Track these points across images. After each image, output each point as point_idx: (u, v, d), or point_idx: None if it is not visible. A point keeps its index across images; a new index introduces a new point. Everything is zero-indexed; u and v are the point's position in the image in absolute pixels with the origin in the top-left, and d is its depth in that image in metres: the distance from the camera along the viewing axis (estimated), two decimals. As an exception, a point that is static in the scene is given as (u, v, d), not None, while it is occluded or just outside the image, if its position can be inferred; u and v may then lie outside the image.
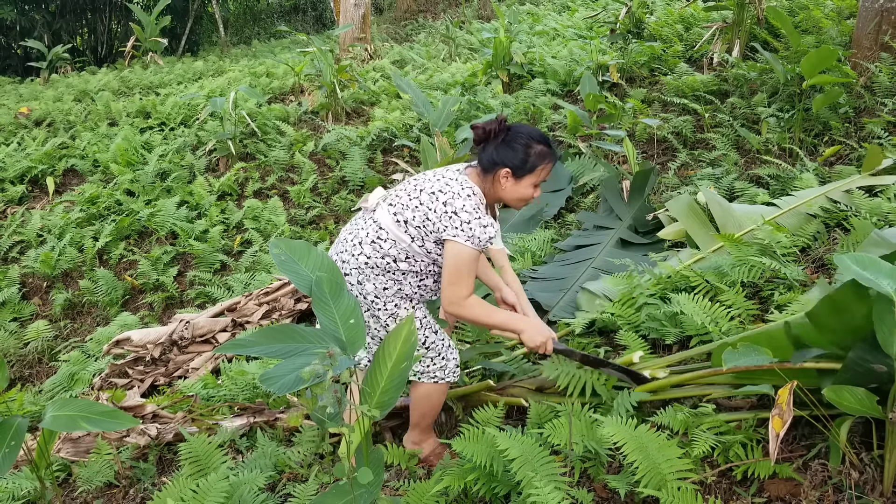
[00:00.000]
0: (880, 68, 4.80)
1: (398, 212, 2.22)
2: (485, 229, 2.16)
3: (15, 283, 5.78)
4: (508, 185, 2.24)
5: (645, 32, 6.83)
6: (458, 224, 2.14)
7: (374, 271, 2.25)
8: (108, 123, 8.03)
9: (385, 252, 2.23)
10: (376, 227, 2.25)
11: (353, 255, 2.27)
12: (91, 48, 14.67)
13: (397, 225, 2.21)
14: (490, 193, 2.28)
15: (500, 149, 2.22)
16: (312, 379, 1.60)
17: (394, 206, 2.24)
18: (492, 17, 12.50)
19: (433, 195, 2.19)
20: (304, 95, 7.96)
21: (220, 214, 6.12)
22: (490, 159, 2.23)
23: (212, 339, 4.17)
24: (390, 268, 2.24)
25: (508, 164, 2.22)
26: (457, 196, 2.17)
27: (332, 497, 1.75)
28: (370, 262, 2.24)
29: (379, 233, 2.24)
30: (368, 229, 2.27)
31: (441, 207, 2.17)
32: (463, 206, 2.15)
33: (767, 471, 1.98)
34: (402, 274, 2.26)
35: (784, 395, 1.78)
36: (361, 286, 2.27)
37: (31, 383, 4.87)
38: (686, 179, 4.68)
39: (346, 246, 2.31)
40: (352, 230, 2.33)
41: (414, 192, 2.24)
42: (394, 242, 2.22)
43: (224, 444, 2.71)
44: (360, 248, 2.26)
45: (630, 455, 1.90)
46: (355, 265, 2.27)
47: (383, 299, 2.27)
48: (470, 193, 2.19)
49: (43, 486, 2.30)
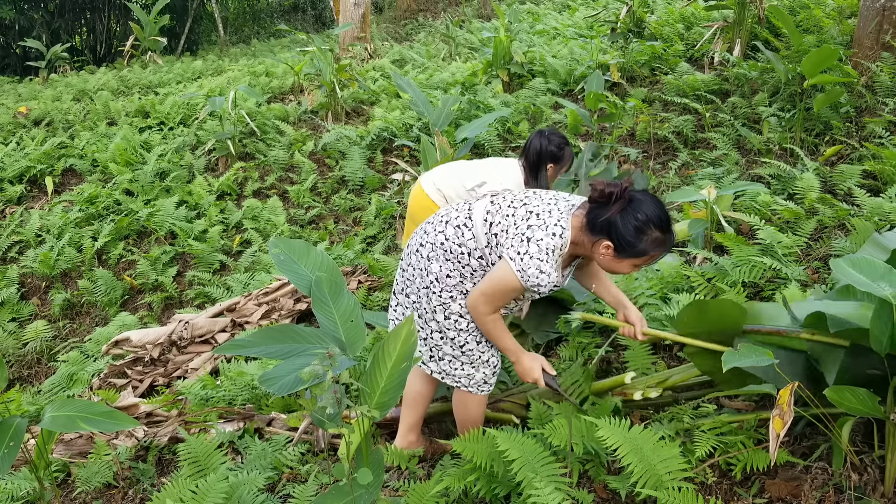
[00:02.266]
0: (881, 68, 4.80)
1: (491, 212, 2.17)
2: (539, 276, 2.02)
3: (14, 283, 5.77)
4: (607, 257, 2.03)
5: (646, 32, 6.82)
6: (523, 252, 2.03)
7: (445, 254, 2.20)
8: (106, 123, 8.02)
9: (464, 241, 2.18)
10: (467, 214, 2.21)
11: (435, 230, 2.24)
12: (90, 47, 14.65)
13: (484, 223, 2.16)
14: (583, 250, 2.09)
15: (612, 220, 1.97)
16: (312, 379, 1.59)
17: (494, 203, 2.19)
18: (492, 16, 12.48)
19: (528, 214, 2.09)
20: (304, 95, 7.95)
21: (220, 214, 6.11)
22: (599, 225, 2.00)
23: (211, 339, 4.16)
24: (462, 259, 2.18)
25: (615, 240, 1.99)
26: (543, 229, 2.04)
27: (332, 498, 1.74)
28: (446, 245, 2.20)
29: (466, 221, 2.20)
30: (460, 213, 2.23)
31: (524, 228, 2.06)
32: (540, 240, 2.02)
33: (765, 461, 1.98)
34: (472, 271, 2.19)
35: (785, 396, 1.78)
36: (429, 263, 2.22)
37: (30, 384, 4.86)
38: (687, 179, 4.67)
39: (434, 220, 2.28)
40: (448, 209, 2.30)
41: (517, 202, 2.15)
42: (473, 236, 2.17)
43: (223, 445, 2.70)
44: (444, 227, 2.22)
45: (625, 457, 1.89)
46: (432, 240, 2.23)
47: (441, 285, 2.21)
48: (558, 233, 2.03)
49: (42, 487, 2.29)
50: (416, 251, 2.29)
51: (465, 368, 2.32)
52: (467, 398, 2.38)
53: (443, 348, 2.29)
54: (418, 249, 2.28)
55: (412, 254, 2.31)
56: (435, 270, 2.21)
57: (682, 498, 1.80)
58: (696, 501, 1.81)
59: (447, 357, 2.31)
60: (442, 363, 2.32)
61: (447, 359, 2.31)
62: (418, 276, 2.27)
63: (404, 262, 2.37)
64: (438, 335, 2.28)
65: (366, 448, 1.78)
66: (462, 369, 2.32)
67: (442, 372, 2.34)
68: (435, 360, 2.33)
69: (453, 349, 2.29)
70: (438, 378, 2.36)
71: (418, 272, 2.27)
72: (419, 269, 2.27)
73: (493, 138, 5.85)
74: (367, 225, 5.61)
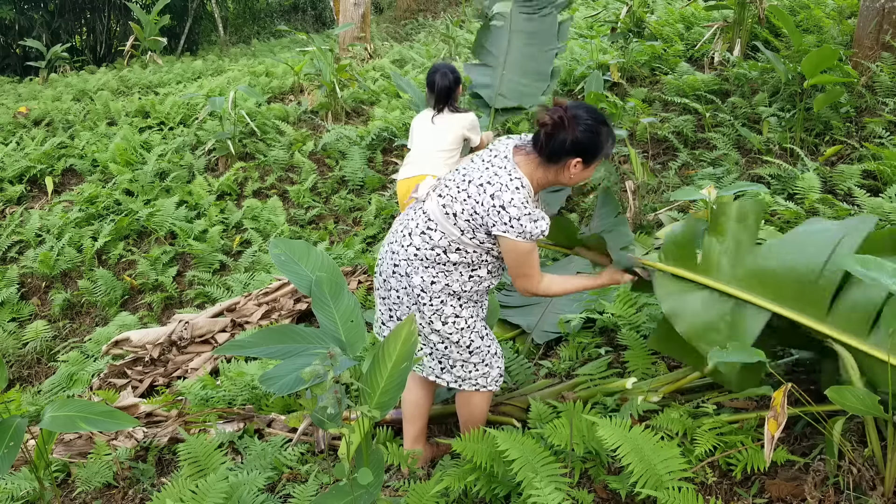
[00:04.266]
0: (881, 68, 4.80)
1: (447, 204, 2.16)
2: (535, 224, 2.08)
3: (14, 284, 5.77)
4: (576, 171, 2.15)
5: (646, 32, 6.82)
6: (507, 220, 2.07)
7: (422, 263, 2.19)
8: (106, 123, 8.01)
9: (435, 243, 2.17)
10: (425, 217, 2.19)
11: (403, 245, 2.22)
12: (90, 47, 14.65)
13: (446, 217, 2.15)
14: (546, 181, 2.18)
15: (572, 139, 2.08)
16: (312, 379, 1.59)
17: (443, 197, 2.18)
18: (491, 16, 12.47)
19: (480, 187, 2.11)
20: (304, 95, 7.95)
21: (220, 214, 6.11)
22: (562, 150, 2.10)
23: (211, 339, 4.16)
24: (440, 259, 2.18)
25: (581, 154, 2.11)
26: (504, 189, 2.08)
27: (332, 498, 1.74)
28: (419, 254, 2.19)
29: (428, 223, 2.18)
30: (418, 220, 2.21)
31: (488, 201, 2.08)
32: (511, 201, 2.07)
33: (762, 463, 1.98)
34: (453, 265, 2.18)
35: (779, 398, 1.79)
36: (409, 278, 2.21)
37: (30, 384, 4.86)
38: (687, 179, 4.67)
39: (397, 237, 2.26)
40: (403, 221, 2.28)
41: (462, 183, 2.16)
42: (443, 234, 2.16)
43: (223, 445, 2.70)
44: (410, 240, 2.21)
45: (625, 457, 1.89)
46: (404, 256, 2.21)
47: (429, 294, 2.20)
48: (518, 186, 2.09)
49: (42, 487, 2.29)
50: (393, 274, 2.26)
51: (479, 368, 2.31)
52: (471, 398, 2.36)
53: (451, 355, 2.28)
54: (394, 271, 2.26)
55: (389, 278, 2.29)
56: (418, 282, 2.20)
57: (682, 498, 1.80)
58: (696, 501, 1.81)
59: (458, 363, 2.29)
60: (455, 370, 2.30)
61: (458, 364, 2.29)
62: (404, 294, 2.26)
63: (382, 291, 2.34)
64: (442, 345, 2.27)
65: (366, 448, 1.78)
66: (476, 370, 2.31)
67: (458, 379, 2.32)
68: (447, 370, 2.31)
69: (461, 353, 2.27)
70: (455, 387, 2.33)
71: (403, 291, 2.26)
72: (403, 289, 2.25)
73: (493, 138, 5.85)
74: (367, 225, 5.61)
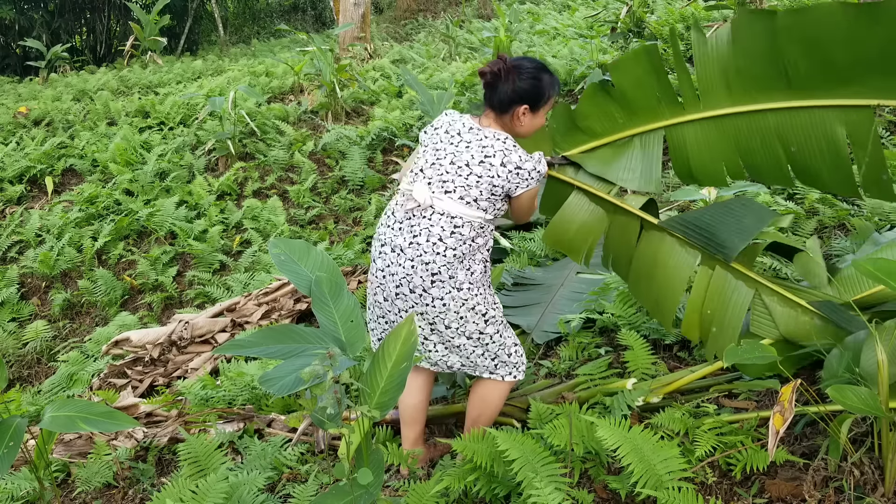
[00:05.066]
0: (881, 67, 4.79)
1: (463, 195, 2.19)
2: (541, 164, 2.23)
3: (14, 284, 5.77)
4: (526, 119, 2.25)
5: (646, 32, 6.82)
6: (526, 175, 2.20)
7: (459, 260, 2.21)
8: (106, 123, 8.01)
9: (466, 237, 2.21)
10: (448, 217, 2.20)
11: (438, 253, 2.19)
12: (90, 47, 14.64)
13: (468, 206, 2.19)
14: (509, 132, 2.29)
15: (513, 88, 2.20)
16: (312, 380, 1.59)
17: (455, 192, 2.20)
18: (492, 16, 12.48)
19: (485, 163, 2.18)
20: (304, 95, 7.95)
21: (220, 214, 6.11)
22: (505, 99, 2.22)
23: (211, 339, 4.16)
24: (471, 248, 2.23)
25: (526, 100, 2.22)
26: (505, 151, 2.19)
27: (332, 498, 1.74)
28: (457, 253, 2.20)
29: (454, 221, 2.20)
30: (442, 224, 2.20)
31: (502, 170, 2.18)
32: (520, 158, 2.19)
33: (764, 461, 1.98)
34: (479, 248, 2.26)
35: (787, 393, 1.78)
36: (454, 280, 2.22)
37: (30, 384, 4.86)
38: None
39: (424, 249, 2.20)
40: (419, 232, 2.21)
41: (461, 169, 2.20)
42: (470, 224, 2.21)
43: (223, 445, 2.70)
44: (444, 244, 2.19)
45: (625, 457, 1.89)
46: (444, 262, 2.19)
47: (460, 295, 2.22)
48: (509, 140, 2.22)
49: (42, 487, 2.29)
50: (433, 284, 2.20)
51: (516, 347, 2.36)
52: (493, 390, 2.36)
53: (489, 344, 2.29)
54: (433, 282, 2.20)
55: (394, 301, 2.25)
56: (464, 279, 2.22)
57: (682, 498, 1.80)
58: (696, 501, 1.81)
59: (494, 346, 2.30)
60: (496, 358, 2.32)
61: (493, 349, 2.31)
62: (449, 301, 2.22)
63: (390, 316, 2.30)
64: (478, 335, 2.27)
65: (366, 448, 1.78)
66: (515, 349, 2.36)
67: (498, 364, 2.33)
68: (488, 358, 2.31)
69: (493, 334, 2.30)
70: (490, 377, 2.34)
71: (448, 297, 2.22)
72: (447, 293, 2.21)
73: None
74: (367, 225, 5.61)
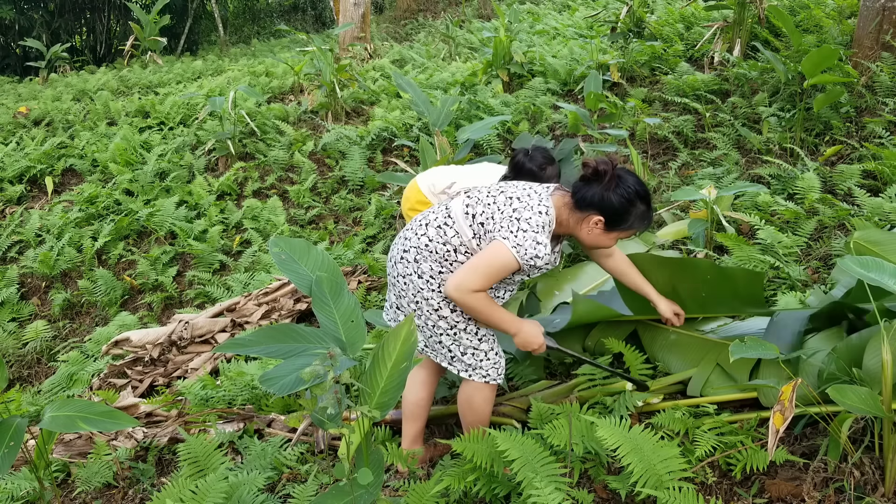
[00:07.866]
0: (881, 68, 4.80)
1: (471, 204, 2.22)
2: (536, 247, 2.08)
3: (14, 283, 5.77)
4: (595, 231, 2.16)
5: (646, 32, 6.82)
6: (515, 230, 2.09)
7: (432, 255, 2.23)
8: (106, 123, 8.01)
9: (447, 240, 2.21)
10: (446, 213, 2.25)
11: (417, 234, 2.27)
12: (90, 47, 14.64)
13: (465, 216, 2.20)
14: (567, 226, 2.19)
15: (604, 195, 2.10)
16: (312, 380, 1.59)
17: (471, 197, 2.24)
18: (492, 16, 12.47)
19: (510, 199, 2.17)
20: (304, 95, 7.94)
21: (220, 214, 6.11)
22: (589, 200, 2.12)
23: (211, 339, 4.16)
24: (448, 257, 2.22)
25: (606, 214, 2.12)
26: (529, 208, 2.13)
27: (332, 498, 1.74)
28: (430, 246, 2.23)
29: (446, 219, 2.23)
30: (438, 214, 2.27)
31: (509, 211, 2.14)
32: (529, 218, 2.10)
33: (764, 461, 1.98)
34: (453, 262, 2.22)
35: (787, 392, 1.78)
36: (417, 264, 2.24)
37: (30, 384, 4.86)
38: (687, 179, 4.67)
39: (412, 225, 2.31)
40: (424, 213, 2.33)
41: (495, 191, 2.23)
42: (457, 233, 2.20)
43: (223, 445, 2.70)
44: (425, 230, 2.25)
45: (625, 457, 1.89)
46: (415, 244, 2.25)
47: (438, 280, 2.22)
48: (543, 211, 2.12)
49: (42, 487, 2.29)
50: (402, 259, 2.28)
51: (489, 357, 2.31)
52: (475, 395, 2.34)
53: (462, 341, 2.27)
54: (403, 256, 2.28)
55: (397, 263, 2.31)
56: (427, 269, 2.23)
57: (682, 498, 1.80)
58: (696, 501, 1.81)
59: (468, 350, 2.28)
60: (466, 358, 2.30)
61: (469, 353, 2.29)
62: (409, 283, 2.27)
63: (392, 276, 2.36)
64: (452, 331, 2.26)
65: (366, 448, 1.78)
66: (487, 358, 2.30)
67: (468, 368, 2.31)
68: (457, 358, 2.30)
69: (470, 339, 2.27)
70: (465, 376, 2.32)
71: (409, 279, 2.27)
72: (409, 275, 2.26)
73: (492, 139, 5.85)
74: (367, 225, 5.61)
